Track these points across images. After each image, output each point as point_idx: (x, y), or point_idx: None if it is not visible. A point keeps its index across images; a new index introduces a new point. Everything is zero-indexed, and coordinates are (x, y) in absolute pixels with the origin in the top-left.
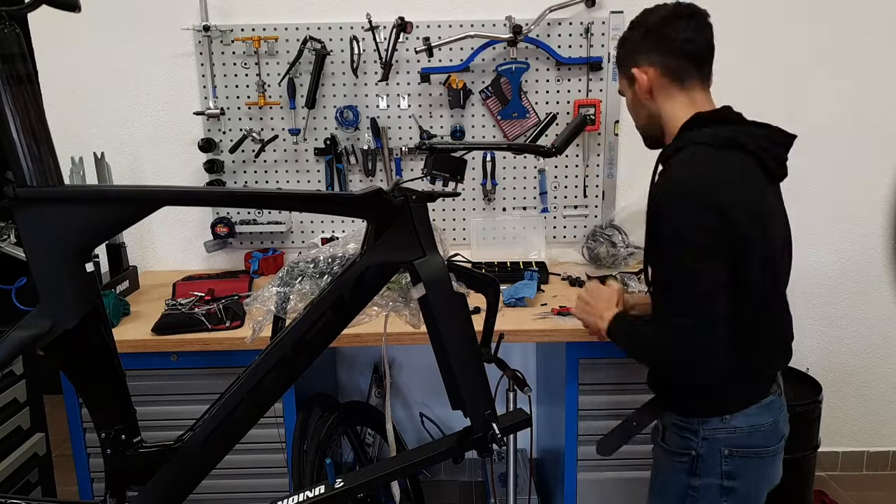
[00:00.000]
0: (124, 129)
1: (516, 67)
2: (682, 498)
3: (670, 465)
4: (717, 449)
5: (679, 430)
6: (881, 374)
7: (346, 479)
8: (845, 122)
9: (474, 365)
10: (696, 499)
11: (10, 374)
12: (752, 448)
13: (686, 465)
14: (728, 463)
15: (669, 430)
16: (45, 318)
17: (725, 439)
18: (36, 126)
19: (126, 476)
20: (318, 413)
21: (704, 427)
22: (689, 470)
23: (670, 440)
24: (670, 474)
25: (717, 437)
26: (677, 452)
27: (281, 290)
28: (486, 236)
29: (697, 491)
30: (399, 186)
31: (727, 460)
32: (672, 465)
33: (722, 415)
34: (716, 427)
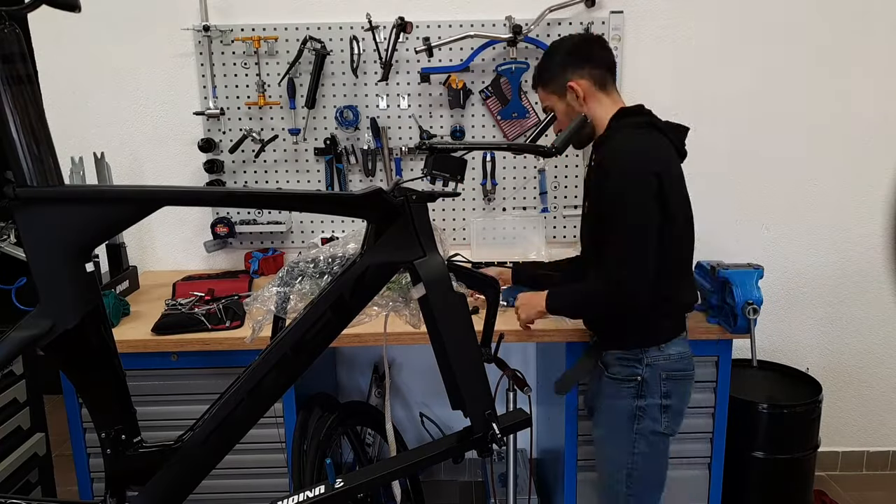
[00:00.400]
0: (124, 129)
1: (516, 67)
2: (631, 418)
3: (617, 392)
4: (657, 373)
5: (624, 361)
6: (881, 374)
7: (346, 479)
8: (845, 122)
9: (474, 365)
10: (642, 417)
11: (10, 374)
12: (681, 371)
13: (633, 390)
14: (665, 385)
15: (613, 365)
16: (45, 318)
17: (663, 365)
18: (36, 126)
19: (126, 476)
20: (318, 413)
21: (646, 355)
22: (636, 393)
23: (616, 371)
24: (617, 400)
25: (657, 363)
26: (624, 380)
27: (281, 290)
28: (486, 236)
29: (643, 410)
30: (399, 186)
31: (665, 382)
32: (619, 392)
33: (658, 345)
34: (655, 355)
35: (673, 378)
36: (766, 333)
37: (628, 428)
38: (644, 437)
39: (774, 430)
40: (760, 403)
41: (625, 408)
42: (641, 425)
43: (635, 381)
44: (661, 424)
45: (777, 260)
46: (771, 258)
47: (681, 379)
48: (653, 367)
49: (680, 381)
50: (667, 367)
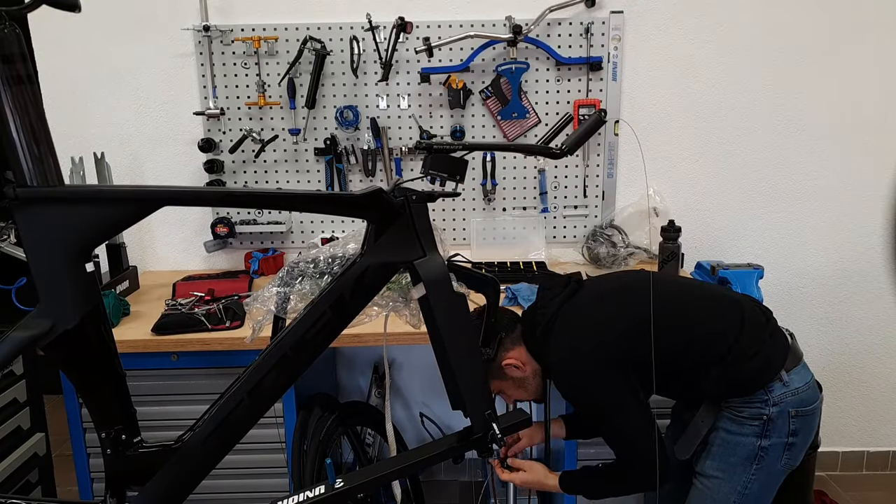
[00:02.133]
0: (124, 129)
1: (516, 67)
2: (752, 458)
3: (738, 429)
4: (786, 411)
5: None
6: (881, 374)
7: (346, 479)
8: (845, 122)
9: (474, 365)
10: (763, 458)
11: (10, 374)
12: (811, 405)
13: (757, 429)
14: (794, 422)
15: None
16: (45, 318)
17: (791, 401)
18: (36, 126)
19: (126, 476)
20: (318, 413)
21: (772, 394)
22: (760, 432)
23: (738, 409)
24: (737, 437)
25: (784, 399)
26: (748, 418)
27: (281, 290)
28: (486, 236)
29: (765, 451)
30: (399, 186)
31: (794, 420)
32: (741, 429)
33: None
34: (781, 391)
35: (803, 414)
36: None
37: (745, 467)
38: (759, 477)
39: None
40: None
41: (746, 446)
42: (761, 465)
43: (761, 421)
44: (781, 462)
45: (777, 260)
46: (771, 258)
47: (809, 414)
48: (780, 406)
49: (808, 416)
50: (795, 402)
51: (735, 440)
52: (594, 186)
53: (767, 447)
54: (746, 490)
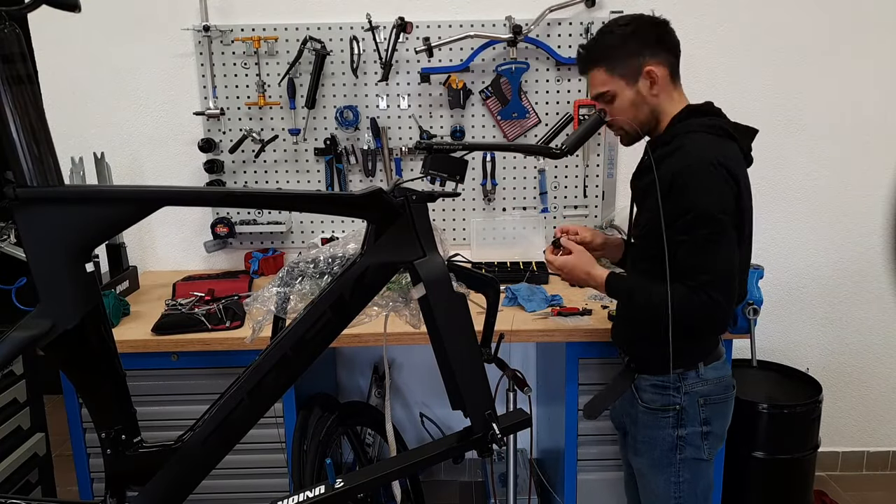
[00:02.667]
0: (124, 129)
1: (516, 67)
2: (672, 449)
3: (654, 422)
4: (695, 400)
5: (659, 389)
6: (881, 374)
7: (346, 479)
8: (845, 122)
9: (474, 365)
10: (683, 447)
11: (10, 374)
12: (721, 395)
13: (671, 419)
14: (704, 411)
15: (647, 392)
16: (45, 318)
17: (701, 390)
18: (36, 126)
19: (126, 476)
20: (318, 413)
21: (684, 383)
22: (675, 423)
23: (651, 399)
24: (656, 430)
25: (695, 389)
26: (661, 409)
27: (281, 291)
28: (486, 236)
29: (683, 440)
30: (399, 186)
31: (703, 409)
32: (657, 422)
33: (696, 369)
34: (693, 381)
35: (712, 403)
36: (766, 333)
37: (670, 458)
38: (686, 465)
39: (774, 431)
40: (760, 403)
41: (664, 438)
42: (683, 454)
43: (674, 411)
44: (704, 452)
45: (777, 260)
46: (771, 258)
47: (720, 402)
48: (691, 395)
49: (719, 404)
50: (705, 392)
51: (654, 434)
52: (594, 186)
53: (685, 436)
54: (680, 479)
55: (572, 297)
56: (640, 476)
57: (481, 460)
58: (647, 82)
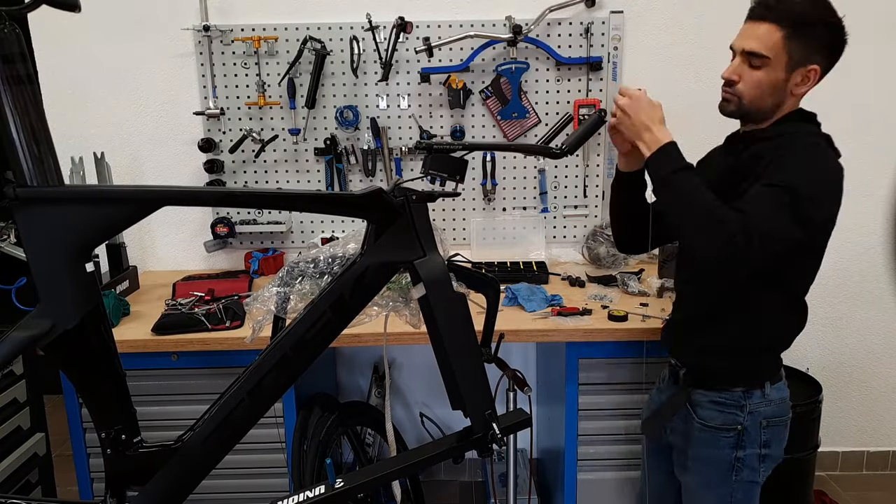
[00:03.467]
0: (124, 129)
1: (516, 67)
2: (729, 470)
3: (712, 441)
4: (758, 421)
5: (720, 406)
6: (881, 374)
7: (346, 479)
8: (845, 122)
9: (474, 365)
10: (740, 469)
11: (10, 374)
12: (781, 417)
13: (732, 440)
14: (766, 433)
15: (705, 408)
16: (45, 318)
17: (765, 411)
18: (36, 126)
19: (126, 476)
20: (318, 413)
21: (749, 401)
22: (735, 443)
23: (710, 417)
24: (712, 449)
25: (759, 409)
26: (722, 428)
27: (281, 290)
28: (486, 236)
29: (741, 461)
30: (399, 186)
31: (765, 431)
32: (716, 441)
33: (762, 388)
34: (758, 401)
35: (774, 425)
36: None
37: (725, 480)
38: (741, 486)
39: None
40: None
41: (723, 459)
42: (740, 476)
43: (735, 431)
44: (759, 475)
45: None
46: None
47: (781, 425)
48: (754, 415)
49: (780, 427)
50: (769, 413)
51: (710, 453)
52: (594, 186)
53: (744, 458)
54: (732, 499)
55: (572, 297)
56: (688, 492)
57: (481, 460)
58: (800, 78)
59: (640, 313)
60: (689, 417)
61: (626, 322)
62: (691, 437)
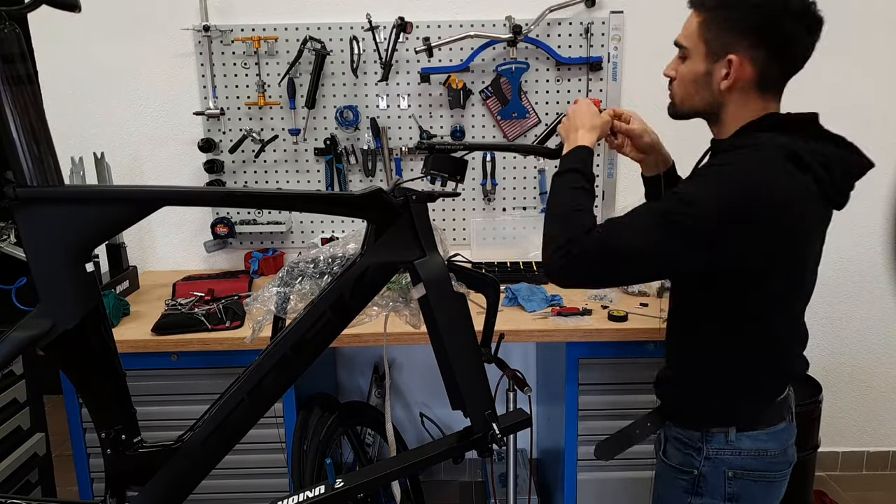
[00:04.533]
0: (124, 129)
1: (516, 67)
2: None
3: (671, 480)
4: (721, 470)
5: (681, 444)
6: (881, 374)
7: (346, 479)
8: (845, 121)
9: (474, 365)
10: None
11: (10, 374)
12: (757, 472)
13: (687, 483)
14: (732, 485)
15: (670, 444)
16: (45, 318)
17: (729, 460)
18: (36, 126)
19: (126, 476)
20: (318, 413)
21: (707, 445)
22: (691, 488)
23: (671, 455)
24: (670, 489)
25: (720, 457)
26: (678, 469)
27: (281, 291)
28: (486, 236)
29: None
30: (399, 186)
31: (731, 482)
32: (673, 481)
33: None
34: (720, 446)
35: (745, 479)
36: None
37: None
38: None
39: None
40: None
41: (677, 498)
42: None
43: (690, 475)
44: None
45: None
46: None
47: (759, 480)
48: (714, 462)
49: (758, 483)
50: (736, 463)
51: (668, 494)
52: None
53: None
54: None
55: (572, 297)
56: None
57: (481, 460)
58: (724, 71)
59: (640, 313)
60: (658, 451)
61: (626, 322)
62: (657, 473)
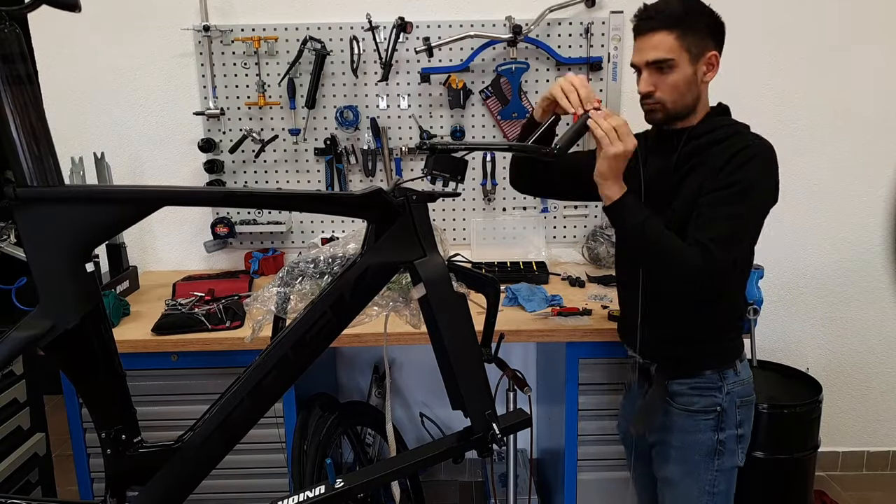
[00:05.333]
0: (124, 129)
1: (516, 67)
2: (711, 454)
3: (693, 426)
4: (733, 401)
5: (700, 390)
6: (881, 374)
7: (346, 479)
8: (845, 122)
9: (474, 365)
10: (721, 452)
11: (10, 374)
12: (750, 396)
13: (712, 422)
14: (740, 413)
15: (684, 395)
16: (45, 318)
17: (738, 391)
18: (36, 126)
19: (126, 476)
20: (318, 413)
21: (725, 381)
22: (715, 426)
23: (690, 402)
24: (695, 434)
25: (734, 389)
26: (702, 411)
27: (281, 291)
28: (486, 236)
29: (723, 444)
30: (399, 186)
31: (739, 411)
32: (696, 426)
33: (734, 367)
34: (733, 380)
35: (746, 404)
36: (766, 333)
37: (707, 465)
38: (723, 474)
39: (774, 430)
40: (760, 403)
41: (704, 442)
42: (721, 460)
43: (715, 413)
44: (738, 457)
45: (777, 260)
46: (771, 258)
47: (750, 403)
48: (731, 395)
49: (749, 406)
50: (741, 392)
51: (693, 439)
52: None
53: (724, 440)
54: (714, 489)
55: (572, 297)
56: (670, 485)
57: (481, 460)
58: (705, 67)
59: None
60: (668, 409)
61: None
62: (672, 426)
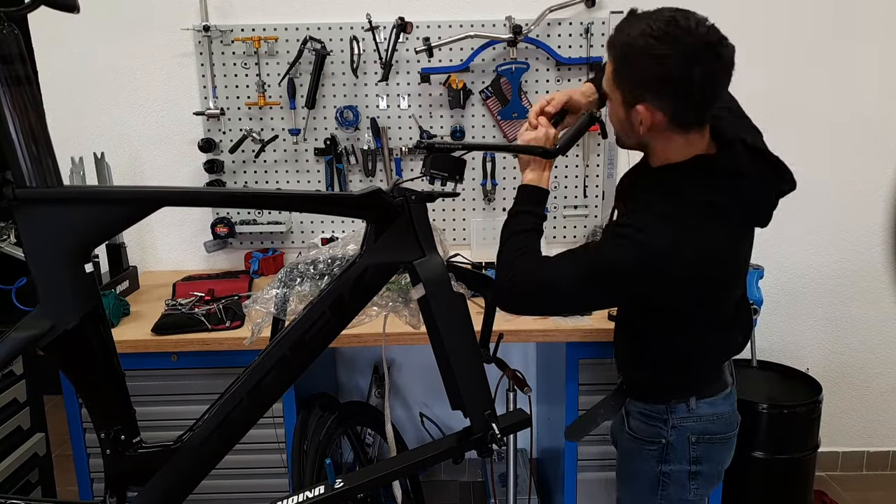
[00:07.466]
0: (124, 129)
1: (516, 68)
2: (655, 485)
3: (639, 454)
4: (684, 436)
5: (646, 418)
6: (881, 374)
7: (346, 479)
8: (845, 121)
9: (474, 365)
10: (667, 484)
11: (10, 374)
12: (716, 435)
13: (656, 453)
14: (696, 449)
15: (635, 419)
16: (44, 318)
17: (692, 427)
18: (35, 127)
19: (126, 476)
20: (318, 413)
21: (672, 415)
22: (659, 457)
23: (638, 429)
24: (640, 462)
25: (684, 424)
26: (646, 440)
27: (280, 292)
28: (486, 236)
29: (668, 476)
30: (398, 186)
31: (695, 447)
32: (641, 453)
33: (686, 402)
34: (683, 415)
35: (706, 441)
36: (766, 333)
37: (653, 495)
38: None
39: (774, 431)
40: (760, 403)
41: (647, 472)
42: (667, 492)
43: (659, 444)
44: (690, 492)
45: (777, 260)
46: (771, 258)
47: (717, 442)
48: (679, 430)
49: (716, 444)
50: (697, 429)
51: (638, 467)
52: (594, 186)
53: (669, 473)
54: None
55: None
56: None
57: (481, 460)
58: (639, 119)
59: None
60: (623, 426)
61: None
62: (623, 447)
